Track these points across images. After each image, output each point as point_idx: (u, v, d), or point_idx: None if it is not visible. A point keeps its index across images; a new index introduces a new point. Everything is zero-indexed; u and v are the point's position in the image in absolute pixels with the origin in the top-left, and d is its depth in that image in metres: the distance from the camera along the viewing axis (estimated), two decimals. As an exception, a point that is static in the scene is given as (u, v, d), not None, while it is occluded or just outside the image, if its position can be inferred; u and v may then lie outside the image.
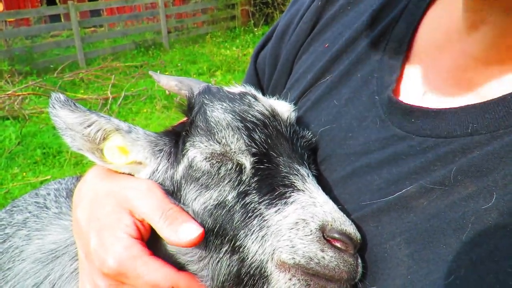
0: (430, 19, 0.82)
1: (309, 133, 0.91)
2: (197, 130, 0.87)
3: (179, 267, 0.85)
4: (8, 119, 6.74)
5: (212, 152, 0.84)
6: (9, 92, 7.45)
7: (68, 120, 0.88)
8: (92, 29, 16.62)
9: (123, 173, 0.92)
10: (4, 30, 12.16)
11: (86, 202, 0.90)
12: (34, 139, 6.06)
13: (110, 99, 7.67)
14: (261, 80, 1.25)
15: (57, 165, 5.42)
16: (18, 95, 7.36)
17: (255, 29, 14.59)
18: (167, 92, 7.91)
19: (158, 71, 1.16)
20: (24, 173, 5.21)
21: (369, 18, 0.90)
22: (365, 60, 0.87)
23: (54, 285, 1.11)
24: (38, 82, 8.61)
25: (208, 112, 0.87)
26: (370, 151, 0.76)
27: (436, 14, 0.82)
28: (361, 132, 0.80)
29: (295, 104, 0.98)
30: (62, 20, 15.19)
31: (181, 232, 0.76)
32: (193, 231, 0.76)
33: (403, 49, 0.82)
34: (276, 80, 1.15)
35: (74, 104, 0.89)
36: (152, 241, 0.85)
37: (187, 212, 0.83)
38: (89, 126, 0.89)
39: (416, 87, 0.78)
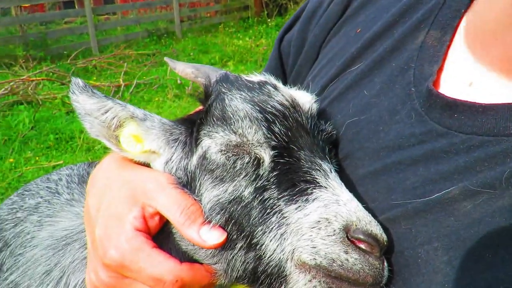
0: (481, 4, 0.74)
1: (330, 126, 0.86)
2: (213, 119, 0.83)
3: (191, 260, 0.82)
4: (22, 104, 6.78)
5: (227, 143, 0.79)
6: (24, 77, 7.49)
7: (86, 106, 0.86)
8: (106, 16, 16.65)
9: (139, 162, 0.89)
10: (19, 16, 12.23)
11: (98, 189, 0.87)
12: (47, 124, 6.09)
13: (122, 86, 7.67)
14: (284, 65, 1.18)
15: (69, 151, 5.45)
16: (32, 80, 7.39)
17: (269, 20, 14.42)
18: (178, 81, 7.89)
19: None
20: (37, 158, 5.25)
21: (408, 2, 0.83)
22: (402, 47, 0.80)
23: (64, 272, 1.09)
24: (51, 68, 8.65)
25: (226, 101, 0.83)
26: (403, 147, 0.70)
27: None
28: (393, 126, 0.73)
29: (321, 93, 0.92)
30: (76, 6, 15.22)
31: (204, 234, 0.75)
32: (218, 236, 0.75)
33: (447, 38, 0.74)
34: (301, 66, 1.08)
35: (92, 90, 0.86)
36: (160, 235, 0.82)
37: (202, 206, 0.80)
38: (105, 112, 0.86)
39: (461, 79, 0.71)
